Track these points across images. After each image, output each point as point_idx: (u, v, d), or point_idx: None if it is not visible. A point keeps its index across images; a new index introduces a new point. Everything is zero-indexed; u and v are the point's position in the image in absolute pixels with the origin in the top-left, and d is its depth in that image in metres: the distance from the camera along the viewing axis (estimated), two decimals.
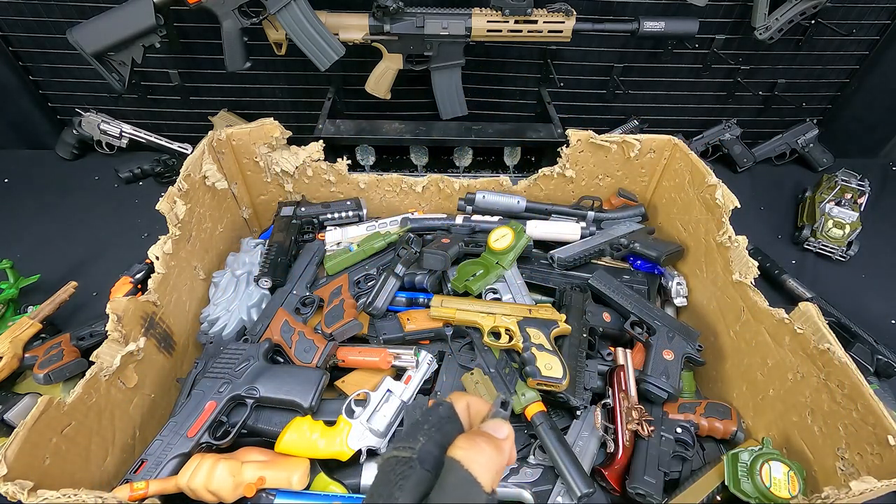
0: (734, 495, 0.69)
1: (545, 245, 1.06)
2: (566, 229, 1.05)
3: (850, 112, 1.47)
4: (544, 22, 1.08)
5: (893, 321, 1.14)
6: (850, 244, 1.25)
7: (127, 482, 0.64)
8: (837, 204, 1.28)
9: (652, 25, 1.13)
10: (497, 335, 0.86)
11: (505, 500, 0.73)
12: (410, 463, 0.29)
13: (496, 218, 1.05)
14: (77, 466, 0.64)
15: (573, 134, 1.05)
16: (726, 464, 0.71)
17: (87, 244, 1.23)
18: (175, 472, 0.67)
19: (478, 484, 0.27)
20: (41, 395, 0.62)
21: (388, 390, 0.78)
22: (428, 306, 0.89)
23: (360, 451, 0.72)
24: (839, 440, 0.67)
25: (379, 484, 0.29)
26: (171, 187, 0.87)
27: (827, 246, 1.26)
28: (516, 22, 1.07)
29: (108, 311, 0.72)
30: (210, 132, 1.00)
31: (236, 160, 1.06)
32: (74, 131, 1.39)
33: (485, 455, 0.28)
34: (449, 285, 0.94)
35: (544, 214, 1.08)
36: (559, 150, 1.08)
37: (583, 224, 1.06)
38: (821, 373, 0.70)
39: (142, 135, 1.40)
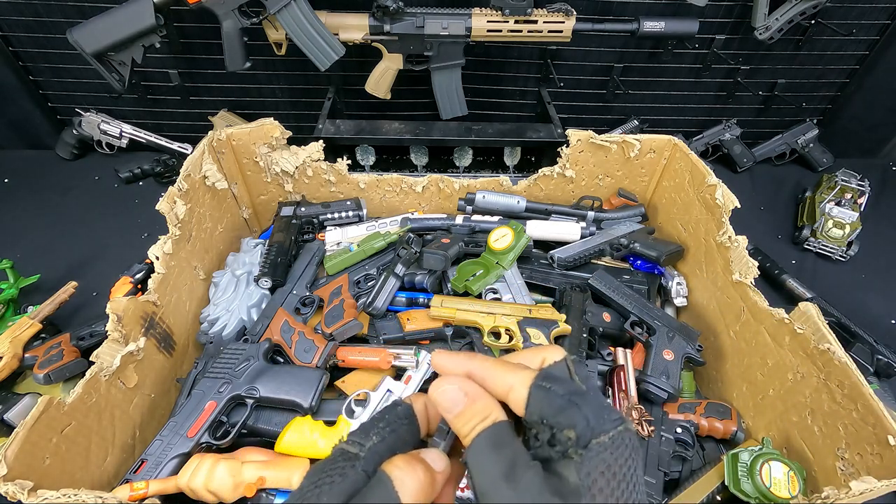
0: (734, 495, 0.69)
1: (545, 245, 1.06)
2: (566, 229, 1.05)
3: (850, 112, 1.47)
4: (544, 22, 1.08)
5: (893, 321, 1.14)
6: (850, 244, 1.25)
7: (127, 482, 0.64)
8: (837, 204, 1.28)
9: (652, 25, 1.13)
10: (497, 335, 0.86)
11: None
12: (353, 462, 0.28)
13: (496, 218, 1.05)
14: (77, 466, 0.64)
15: (573, 134, 1.05)
16: (726, 464, 0.71)
17: (87, 244, 1.23)
18: (175, 472, 0.67)
19: None
20: (41, 395, 0.62)
21: (388, 390, 0.78)
22: (428, 306, 0.89)
23: None
24: (839, 440, 0.67)
25: (316, 471, 0.28)
26: (171, 187, 0.87)
27: (827, 246, 1.26)
28: (516, 22, 1.08)
29: (108, 311, 0.72)
30: (210, 132, 1.00)
31: (236, 160, 1.06)
32: (74, 131, 1.39)
33: (417, 483, 0.27)
34: (449, 285, 0.94)
35: (544, 214, 1.08)
36: (559, 150, 1.08)
37: (583, 224, 1.06)
38: (821, 373, 0.70)
39: (142, 135, 1.40)
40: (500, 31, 1.09)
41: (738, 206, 0.89)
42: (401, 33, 1.10)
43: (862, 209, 1.29)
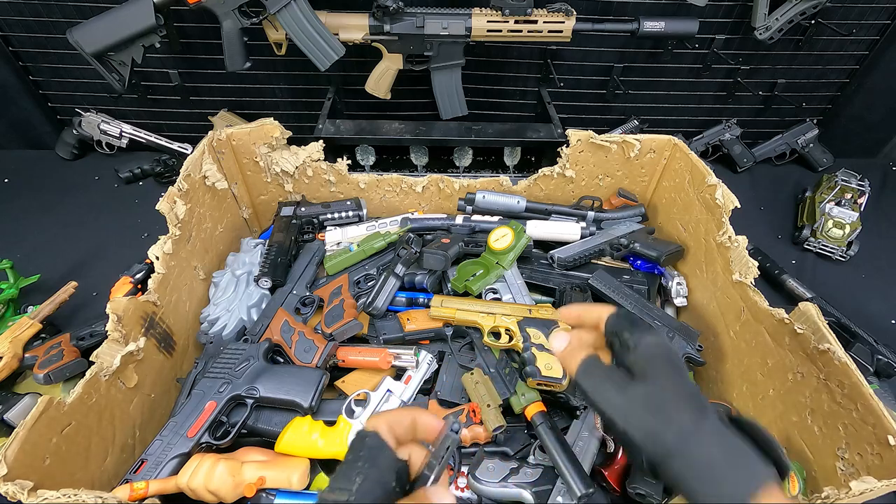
0: None
1: (545, 245, 1.06)
2: (566, 229, 1.05)
3: (850, 112, 1.47)
4: (544, 22, 1.08)
5: (893, 321, 1.14)
6: (850, 244, 1.25)
7: (127, 482, 0.64)
8: (837, 204, 1.28)
9: (652, 25, 1.13)
10: (497, 335, 0.86)
11: (505, 501, 0.73)
12: None
13: (496, 218, 1.05)
14: (77, 466, 0.64)
15: (573, 134, 1.05)
16: None
17: (87, 244, 1.23)
18: (175, 472, 0.67)
19: None
20: (41, 395, 0.62)
21: (388, 390, 0.78)
22: (428, 306, 0.89)
23: None
24: (839, 440, 0.67)
25: None
26: (171, 187, 0.87)
27: (827, 246, 1.26)
28: (516, 22, 1.07)
29: (108, 311, 0.72)
30: (210, 132, 1.00)
31: (236, 160, 1.06)
32: (74, 131, 1.39)
33: None
34: (449, 285, 0.94)
35: (544, 214, 1.08)
36: (559, 150, 1.08)
37: (583, 224, 1.06)
38: (821, 373, 0.70)
39: (142, 135, 1.40)
40: (500, 31, 1.09)
41: (738, 206, 0.89)
42: (401, 33, 1.10)
43: (862, 209, 1.29)
